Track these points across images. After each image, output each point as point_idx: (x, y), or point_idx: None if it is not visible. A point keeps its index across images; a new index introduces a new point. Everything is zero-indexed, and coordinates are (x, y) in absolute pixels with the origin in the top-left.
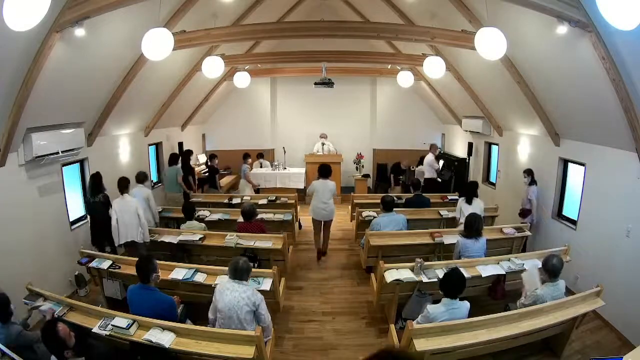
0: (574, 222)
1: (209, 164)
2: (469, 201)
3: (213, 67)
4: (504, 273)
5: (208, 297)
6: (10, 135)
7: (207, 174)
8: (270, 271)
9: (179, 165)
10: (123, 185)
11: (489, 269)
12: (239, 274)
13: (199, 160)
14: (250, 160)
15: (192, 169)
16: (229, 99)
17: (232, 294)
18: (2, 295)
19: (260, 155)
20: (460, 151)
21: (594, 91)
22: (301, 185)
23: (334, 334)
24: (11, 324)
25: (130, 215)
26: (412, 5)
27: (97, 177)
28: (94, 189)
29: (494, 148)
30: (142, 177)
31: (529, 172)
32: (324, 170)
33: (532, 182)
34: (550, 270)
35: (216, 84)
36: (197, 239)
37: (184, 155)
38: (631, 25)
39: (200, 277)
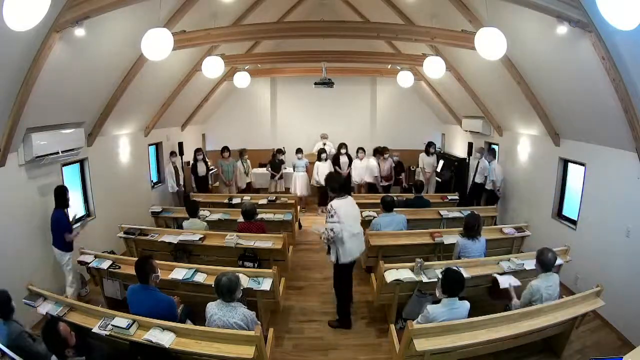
0: (574, 222)
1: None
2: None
3: (213, 67)
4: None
5: (208, 298)
6: (10, 135)
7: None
8: (270, 271)
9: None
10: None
11: (505, 280)
12: (222, 295)
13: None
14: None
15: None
16: (229, 99)
17: (220, 319)
18: (3, 292)
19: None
20: (460, 151)
21: (594, 91)
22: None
23: (334, 334)
24: (12, 322)
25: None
26: (412, 5)
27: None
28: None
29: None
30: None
31: (379, 150)
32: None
33: (380, 156)
34: (543, 262)
35: (216, 84)
36: (197, 239)
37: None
38: (631, 25)
39: (200, 277)
